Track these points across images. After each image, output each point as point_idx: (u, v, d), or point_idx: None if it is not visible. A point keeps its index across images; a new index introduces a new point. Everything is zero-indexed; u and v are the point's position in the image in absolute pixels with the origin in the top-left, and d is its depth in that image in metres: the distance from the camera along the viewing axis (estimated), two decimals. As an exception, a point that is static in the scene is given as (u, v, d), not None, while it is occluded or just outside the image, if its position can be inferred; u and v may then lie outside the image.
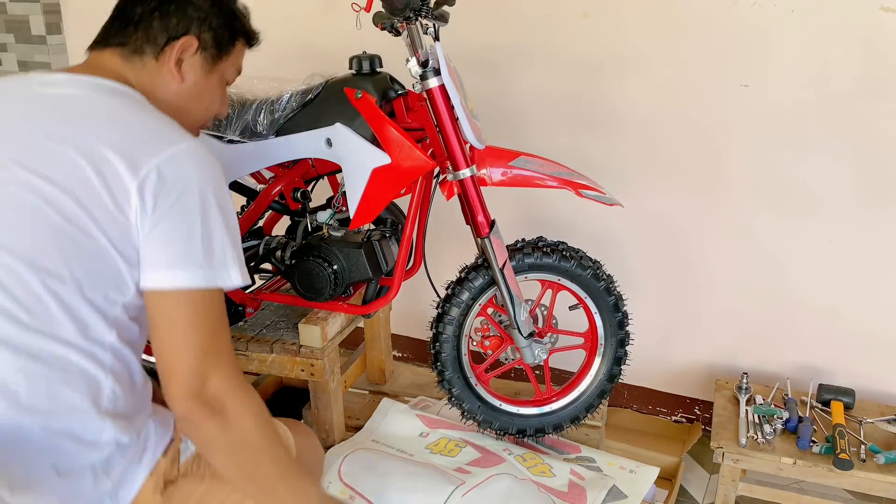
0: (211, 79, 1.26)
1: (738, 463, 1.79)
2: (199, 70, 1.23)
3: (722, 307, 2.16)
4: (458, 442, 1.81)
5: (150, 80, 1.19)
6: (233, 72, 1.31)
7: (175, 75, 1.20)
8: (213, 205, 1.07)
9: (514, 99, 2.18)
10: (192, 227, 1.05)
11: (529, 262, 1.69)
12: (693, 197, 2.08)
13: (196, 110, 1.26)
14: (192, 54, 1.21)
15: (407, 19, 1.45)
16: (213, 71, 1.25)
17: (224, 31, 1.25)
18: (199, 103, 1.26)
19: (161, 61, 1.19)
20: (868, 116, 1.85)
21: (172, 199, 1.04)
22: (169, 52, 1.19)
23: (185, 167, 1.06)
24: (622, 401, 2.35)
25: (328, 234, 1.69)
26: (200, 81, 1.23)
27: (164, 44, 1.18)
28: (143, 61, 1.18)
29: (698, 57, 1.95)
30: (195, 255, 1.05)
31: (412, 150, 1.53)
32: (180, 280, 1.04)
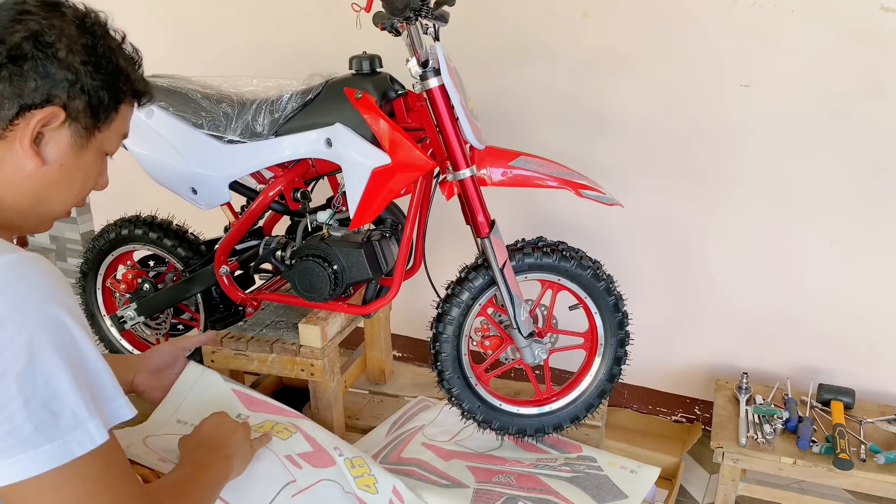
0: (85, 156, 0.97)
1: (738, 463, 1.79)
2: (66, 147, 0.94)
3: (722, 307, 2.16)
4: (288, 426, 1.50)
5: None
6: (116, 139, 1.02)
7: (32, 156, 0.90)
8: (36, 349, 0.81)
9: (515, 99, 2.18)
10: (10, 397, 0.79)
11: (529, 262, 1.69)
12: (693, 197, 2.08)
13: (61, 196, 0.97)
14: (58, 128, 0.92)
15: (407, 19, 1.45)
16: (88, 146, 0.96)
17: (104, 94, 0.95)
18: (66, 187, 0.96)
19: (8, 140, 0.89)
20: (868, 117, 1.85)
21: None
22: (22, 127, 0.89)
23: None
24: (622, 401, 2.35)
25: (328, 234, 1.69)
26: (69, 161, 0.95)
27: (13, 116, 0.88)
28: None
29: (698, 57, 1.95)
30: (25, 435, 0.80)
31: (412, 150, 1.53)
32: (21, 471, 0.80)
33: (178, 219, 1.96)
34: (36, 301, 0.83)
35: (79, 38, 0.93)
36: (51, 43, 0.90)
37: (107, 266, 2.02)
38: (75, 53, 0.92)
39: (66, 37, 0.91)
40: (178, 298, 1.89)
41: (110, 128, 0.99)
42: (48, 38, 0.90)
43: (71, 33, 0.92)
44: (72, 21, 0.93)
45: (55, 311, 0.84)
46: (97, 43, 0.95)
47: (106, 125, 0.98)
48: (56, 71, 0.90)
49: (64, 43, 0.91)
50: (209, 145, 1.69)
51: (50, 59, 0.90)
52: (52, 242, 3.06)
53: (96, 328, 2.08)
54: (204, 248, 1.91)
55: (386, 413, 1.99)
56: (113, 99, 0.97)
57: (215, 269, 1.79)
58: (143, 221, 1.92)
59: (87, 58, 0.93)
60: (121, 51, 0.99)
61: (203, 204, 1.78)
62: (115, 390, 0.90)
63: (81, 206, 1.05)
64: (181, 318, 2.03)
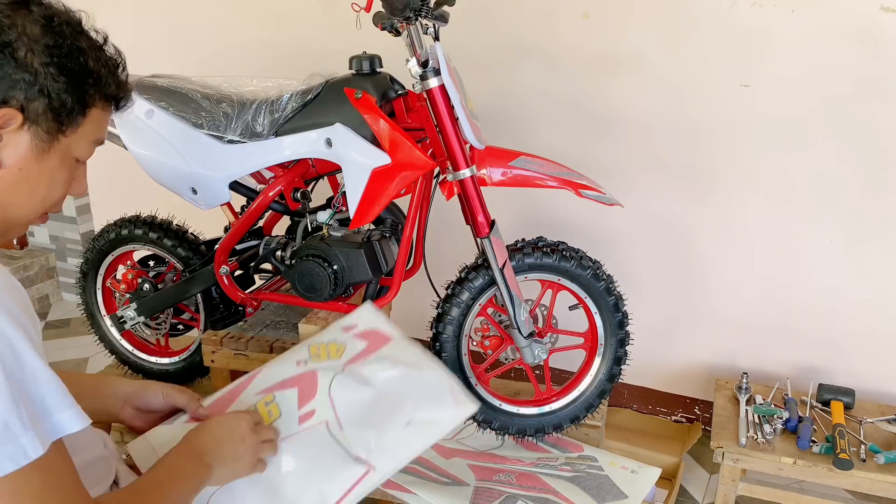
0: (47, 160, 0.92)
1: (738, 463, 1.79)
2: (25, 151, 0.90)
3: (722, 307, 2.16)
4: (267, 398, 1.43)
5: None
6: (87, 145, 0.97)
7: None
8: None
9: (515, 99, 2.18)
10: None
11: (529, 262, 1.69)
12: (693, 197, 2.08)
13: (24, 201, 0.93)
14: (15, 130, 0.88)
15: (407, 19, 1.45)
16: (51, 150, 0.92)
17: (68, 97, 0.91)
18: (28, 192, 0.93)
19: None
20: (868, 116, 1.85)
21: None
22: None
23: None
24: (622, 401, 2.35)
25: (328, 235, 1.69)
26: (29, 166, 0.91)
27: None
28: None
29: (698, 57, 1.95)
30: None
31: (412, 150, 1.53)
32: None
33: (178, 219, 1.96)
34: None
35: (42, 37, 0.89)
36: (8, 42, 0.86)
37: (107, 266, 2.02)
38: (36, 54, 0.88)
39: (26, 36, 0.88)
40: (178, 298, 1.89)
41: (77, 132, 0.94)
42: (6, 37, 0.86)
43: (34, 33, 0.88)
44: (37, 20, 0.89)
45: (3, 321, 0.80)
46: (63, 43, 0.90)
47: (72, 129, 0.93)
48: (13, 71, 0.86)
49: (24, 42, 0.87)
50: (209, 145, 1.69)
51: (6, 58, 0.86)
52: (52, 242, 3.06)
53: (96, 328, 2.08)
54: (204, 248, 1.91)
55: (386, 413, 1.99)
56: (79, 102, 0.93)
57: (215, 269, 1.79)
58: (143, 221, 1.92)
59: (48, 59, 0.89)
60: (94, 52, 0.94)
61: (203, 204, 1.78)
62: (60, 402, 0.85)
63: (56, 212, 1.02)
64: (181, 318, 2.03)
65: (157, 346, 2.10)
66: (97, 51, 0.95)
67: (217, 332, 1.86)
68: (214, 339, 1.84)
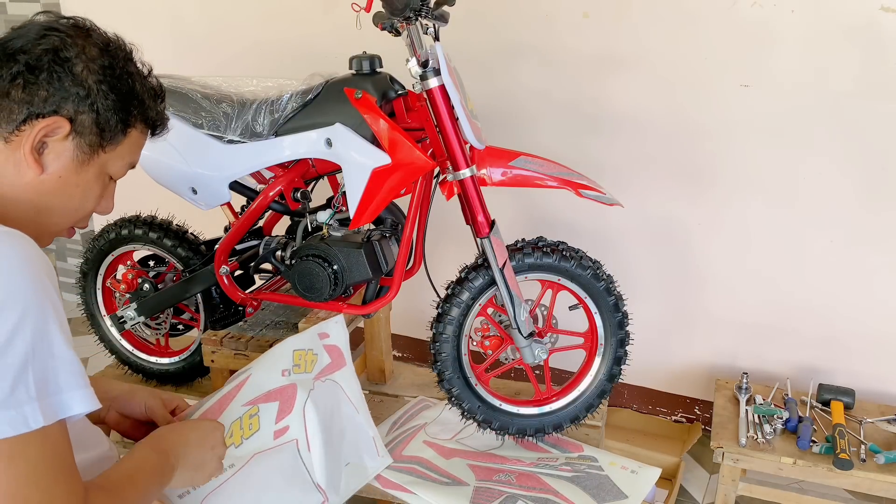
0: (85, 173, 0.98)
1: (738, 463, 1.79)
2: (67, 160, 0.96)
3: (722, 307, 2.16)
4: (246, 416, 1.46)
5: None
6: (122, 165, 1.04)
7: (31, 163, 0.93)
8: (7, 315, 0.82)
9: (514, 99, 2.18)
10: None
11: (529, 262, 1.69)
12: (693, 197, 2.08)
13: (58, 209, 0.99)
14: (61, 139, 0.94)
15: (407, 19, 1.45)
16: (90, 163, 0.98)
17: (113, 115, 0.98)
18: (63, 201, 0.98)
19: (13, 144, 0.93)
20: (868, 116, 1.85)
21: None
22: (27, 133, 0.92)
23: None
24: (622, 401, 2.35)
25: (328, 235, 1.69)
26: (68, 175, 0.97)
27: (21, 121, 0.92)
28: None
29: (698, 57, 1.96)
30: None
31: (412, 150, 1.53)
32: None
33: (178, 219, 1.97)
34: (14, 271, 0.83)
35: (98, 58, 0.96)
36: (69, 58, 0.94)
37: (107, 266, 2.02)
38: (91, 72, 0.95)
39: (85, 55, 0.95)
40: (178, 298, 1.89)
41: (116, 150, 1.01)
42: (67, 53, 0.94)
43: (92, 53, 0.96)
44: (96, 43, 0.97)
45: (30, 287, 0.84)
46: (115, 65, 0.98)
47: (112, 146, 1.00)
48: (69, 85, 0.94)
49: (82, 60, 0.95)
50: (209, 145, 1.69)
51: (65, 72, 0.93)
52: (53, 242, 3.06)
53: (96, 328, 2.08)
54: (204, 248, 1.91)
55: (386, 413, 1.99)
56: (122, 122, 0.99)
57: (215, 269, 1.79)
58: (143, 221, 1.92)
59: (102, 77, 0.96)
60: (140, 79, 1.02)
61: (203, 204, 1.78)
62: (74, 381, 0.87)
63: (83, 227, 1.07)
64: (181, 318, 2.03)
65: (157, 346, 2.10)
66: (143, 78, 1.03)
67: (217, 332, 1.86)
68: (214, 339, 1.84)
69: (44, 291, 0.85)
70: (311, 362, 1.54)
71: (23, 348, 0.82)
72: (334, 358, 1.57)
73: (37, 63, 0.93)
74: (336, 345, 1.59)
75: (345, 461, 1.52)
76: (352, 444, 1.56)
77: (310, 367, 1.53)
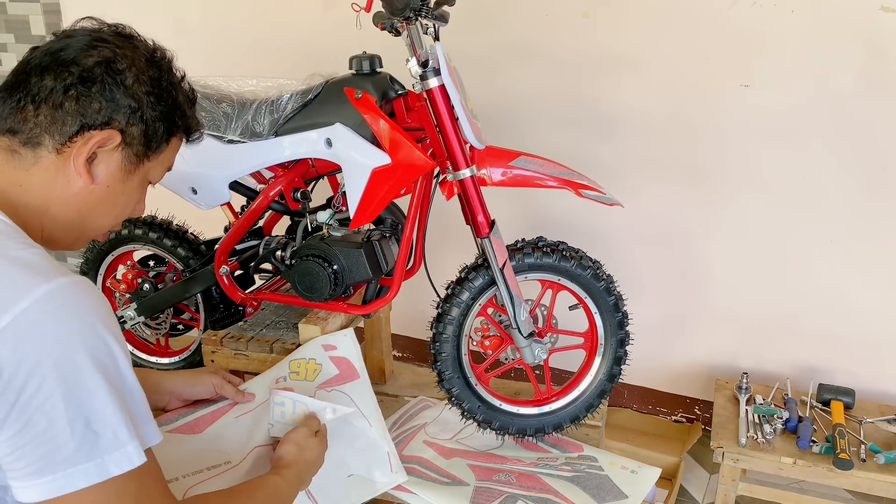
0: (130, 181, 1.01)
1: (738, 463, 1.79)
2: (115, 170, 0.97)
3: (722, 307, 2.16)
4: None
5: (41, 180, 0.93)
6: (162, 171, 1.07)
7: (83, 175, 0.94)
8: (84, 371, 0.82)
9: (515, 99, 2.18)
10: (55, 417, 0.81)
11: (529, 262, 1.69)
12: (693, 197, 2.08)
13: (102, 216, 1.01)
14: (111, 150, 0.96)
15: (407, 19, 1.45)
16: (136, 172, 1.00)
17: (160, 125, 1.00)
18: (108, 208, 1.01)
19: (64, 156, 0.93)
20: (868, 116, 1.85)
21: (14, 393, 0.79)
22: (80, 146, 0.93)
23: (30, 335, 0.79)
24: (622, 400, 2.35)
25: (328, 234, 1.69)
26: (115, 184, 0.98)
27: (73, 133, 0.92)
28: (35, 155, 0.92)
29: (698, 57, 1.96)
30: (66, 453, 0.82)
31: (412, 150, 1.53)
32: (57, 488, 0.82)
33: (178, 219, 1.96)
34: (85, 325, 0.84)
35: (147, 69, 0.98)
36: (121, 70, 0.95)
37: (107, 266, 2.02)
38: (141, 83, 0.97)
39: (135, 67, 0.97)
40: (178, 298, 1.89)
41: (159, 158, 1.03)
42: (119, 66, 0.95)
43: (140, 64, 0.97)
44: (143, 54, 0.99)
45: (102, 336, 0.85)
46: (162, 77, 1.00)
47: (155, 155, 1.02)
48: (121, 97, 0.94)
49: (133, 72, 0.96)
50: (209, 145, 1.69)
51: (117, 84, 0.94)
52: (52, 242, 3.06)
53: (96, 328, 2.08)
54: (204, 248, 1.91)
55: (386, 413, 1.99)
56: (167, 131, 1.02)
57: (215, 269, 1.79)
58: (143, 221, 1.92)
59: (151, 89, 0.98)
60: (181, 88, 1.05)
61: (203, 204, 1.78)
62: (147, 414, 0.91)
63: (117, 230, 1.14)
64: (181, 318, 2.03)
65: (157, 345, 2.10)
66: (182, 86, 1.06)
67: (217, 332, 1.86)
68: (214, 339, 1.84)
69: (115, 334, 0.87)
70: (313, 371, 1.55)
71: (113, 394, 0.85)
72: (343, 370, 1.58)
73: (90, 75, 0.93)
74: (345, 357, 1.60)
75: (348, 472, 1.52)
76: (360, 457, 1.55)
77: (311, 375, 1.54)
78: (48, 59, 0.93)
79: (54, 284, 0.83)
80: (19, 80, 0.94)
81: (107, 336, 0.85)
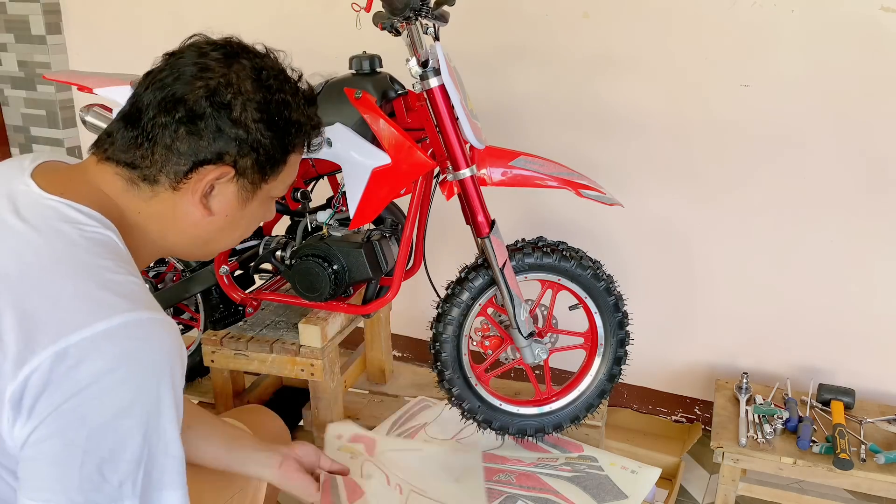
0: (250, 205, 0.98)
1: (738, 463, 1.79)
2: (232, 199, 0.95)
3: (722, 307, 2.16)
4: None
5: (158, 211, 0.93)
6: (283, 187, 1.02)
7: (200, 209, 0.93)
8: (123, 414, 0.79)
9: (515, 99, 2.18)
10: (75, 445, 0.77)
11: (529, 262, 1.69)
12: (693, 197, 2.08)
13: (226, 240, 1.01)
14: (226, 182, 0.93)
15: (407, 19, 1.45)
16: (254, 198, 0.97)
17: (274, 151, 0.95)
18: (230, 233, 1.00)
19: (181, 191, 0.92)
20: (868, 116, 1.85)
21: (55, 403, 0.76)
22: (195, 182, 0.91)
23: (91, 359, 0.77)
24: (622, 400, 2.35)
25: (328, 234, 1.69)
26: (234, 212, 0.96)
27: (187, 171, 0.91)
28: (153, 190, 0.92)
29: (698, 57, 1.95)
30: (68, 484, 0.78)
31: (412, 150, 1.53)
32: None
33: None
34: (149, 368, 0.80)
35: (254, 94, 0.92)
36: (227, 103, 0.90)
37: (107, 266, 2.01)
38: (248, 111, 0.91)
39: (241, 94, 0.91)
40: (178, 298, 1.89)
41: (277, 178, 0.98)
42: (224, 98, 0.90)
43: (246, 88, 0.92)
44: (249, 75, 0.93)
45: (161, 386, 0.81)
46: (272, 98, 0.94)
47: (273, 177, 0.97)
48: (229, 129, 0.90)
49: (239, 101, 0.91)
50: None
51: (224, 118, 0.90)
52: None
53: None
54: (204, 248, 1.91)
55: (386, 413, 1.99)
56: (282, 152, 0.96)
57: (215, 269, 1.79)
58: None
59: (260, 115, 0.92)
60: (296, 101, 0.98)
61: (203, 204, 1.78)
62: (177, 480, 0.85)
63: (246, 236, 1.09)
64: (181, 318, 2.03)
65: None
66: (296, 96, 0.98)
67: (217, 332, 1.86)
68: (214, 339, 1.84)
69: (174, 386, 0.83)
70: None
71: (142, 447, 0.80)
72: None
73: (197, 110, 0.89)
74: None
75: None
76: None
77: None
78: (159, 95, 0.90)
79: (136, 316, 0.80)
80: (133, 113, 0.91)
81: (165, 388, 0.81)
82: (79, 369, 0.76)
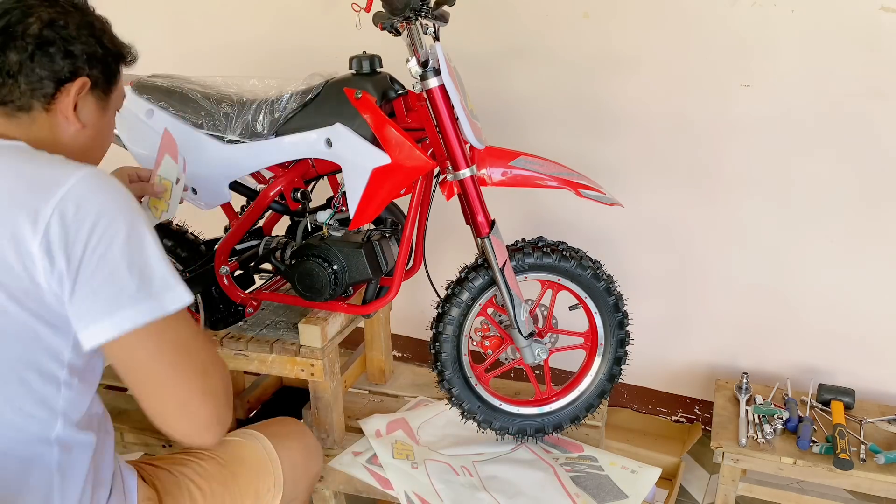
0: (106, 114, 1.15)
1: (738, 463, 1.79)
2: (95, 110, 1.12)
3: (722, 307, 2.16)
4: None
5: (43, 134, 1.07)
6: (121, 99, 1.20)
7: (73, 121, 1.09)
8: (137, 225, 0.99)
9: (515, 99, 2.18)
10: (116, 263, 0.96)
11: (529, 262, 1.69)
12: (693, 197, 2.08)
13: (98, 148, 1.17)
14: (86, 94, 1.10)
15: (407, 19, 1.45)
16: (108, 106, 1.15)
17: (110, 61, 1.13)
18: (100, 141, 1.16)
19: (54, 110, 1.07)
20: (868, 116, 1.85)
21: (82, 242, 0.94)
22: (62, 99, 1.07)
23: (86, 201, 0.95)
24: (622, 401, 2.35)
25: (328, 234, 1.69)
26: (97, 121, 1.13)
27: (53, 92, 1.05)
28: (31, 117, 1.06)
29: (698, 57, 1.95)
30: (130, 291, 0.96)
31: (412, 150, 1.53)
32: (125, 323, 0.96)
33: (178, 219, 1.96)
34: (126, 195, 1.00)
35: (79, 17, 1.08)
36: (64, 26, 1.06)
37: (107, 266, 2.01)
38: (82, 30, 1.07)
39: (71, 20, 1.07)
40: (178, 298, 1.89)
41: (117, 88, 1.16)
42: (61, 23, 1.05)
43: (74, 17, 1.07)
44: (66, 6, 1.08)
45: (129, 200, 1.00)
46: (92, 21, 1.11)
47: (115, 87, 1.15)
48: (75, 48, 1.06)
49: (73, 25, 1.07)
50: (209, 145, 1.69)
51: (68, 39, 1.05)
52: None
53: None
54: (204, 248, 1.91)
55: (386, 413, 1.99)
56: (115, 63, 1.14)
57: (215, 269, 1.79)
58: (143, 221, 1.92)
59: (90, 32, 1.08)
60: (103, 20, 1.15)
61: (203, 204, 1.78)
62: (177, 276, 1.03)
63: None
64: (181, 318, 2.03)
65: (157, 346, 2.09)
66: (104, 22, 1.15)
67: (217, 332, 1.86)
68: (214, 339, 1.83)
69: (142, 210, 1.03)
70: None
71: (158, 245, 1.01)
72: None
73: (43, 39, 1.04)
74: None
75: None
76: None
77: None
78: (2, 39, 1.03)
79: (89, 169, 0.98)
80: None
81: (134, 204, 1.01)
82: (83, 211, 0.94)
